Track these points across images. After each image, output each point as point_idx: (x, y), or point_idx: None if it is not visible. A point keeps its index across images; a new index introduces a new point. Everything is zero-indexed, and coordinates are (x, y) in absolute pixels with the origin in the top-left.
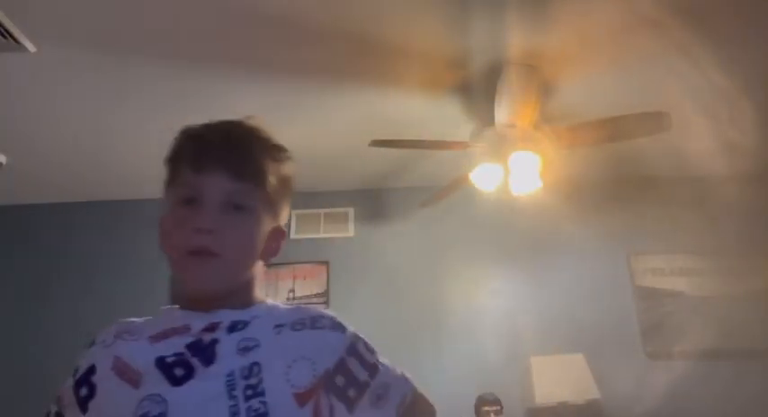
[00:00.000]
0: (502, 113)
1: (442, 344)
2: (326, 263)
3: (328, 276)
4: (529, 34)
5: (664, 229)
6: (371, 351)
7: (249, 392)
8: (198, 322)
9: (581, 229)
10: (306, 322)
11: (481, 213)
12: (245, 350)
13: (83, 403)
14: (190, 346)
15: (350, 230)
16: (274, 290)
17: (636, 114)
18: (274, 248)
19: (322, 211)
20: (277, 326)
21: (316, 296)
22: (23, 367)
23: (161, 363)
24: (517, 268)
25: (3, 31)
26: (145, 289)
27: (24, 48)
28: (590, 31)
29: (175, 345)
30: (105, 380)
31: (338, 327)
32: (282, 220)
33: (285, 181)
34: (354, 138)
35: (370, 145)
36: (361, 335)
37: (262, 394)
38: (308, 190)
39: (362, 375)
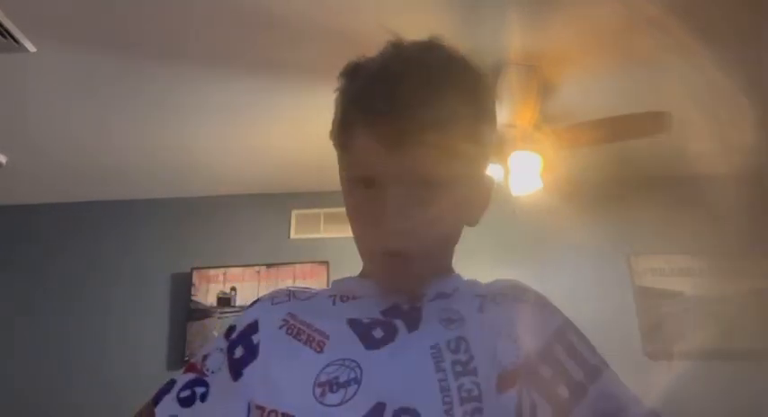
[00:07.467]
0: (502, 113)
1: None
2: (326, 263)
3: (328, 276)
4: (529, 34)
5: (664, 229)
6: (589, 346)
7: (459, 368)
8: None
9: (581, 229)
10: (508, 293)
11: None
12: (447, 321)
13: (237, 367)
14: (386, 312)
15: (350, 230)
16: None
17: (636, 114)
18: (485, 203)
19: (322, 211)
20: (478, 296)
21: None
22: (22, 367)
23: (356, 322)
24: (517, 268)
25: (3, 30)
26: (146, 289)
27: (24, 48)
28: (590, 32)
29: (368, 309)
30: (272, 341)
31: (547, 305)
32: (488, 162)
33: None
34: None
35: None
36: (572, 322)
37: (474, 373)
38: (308, 190)
39: (577, 373)
